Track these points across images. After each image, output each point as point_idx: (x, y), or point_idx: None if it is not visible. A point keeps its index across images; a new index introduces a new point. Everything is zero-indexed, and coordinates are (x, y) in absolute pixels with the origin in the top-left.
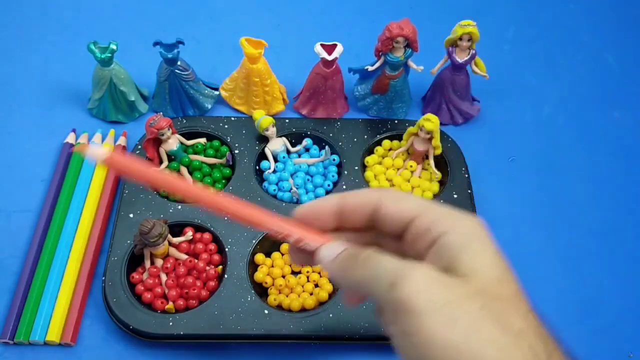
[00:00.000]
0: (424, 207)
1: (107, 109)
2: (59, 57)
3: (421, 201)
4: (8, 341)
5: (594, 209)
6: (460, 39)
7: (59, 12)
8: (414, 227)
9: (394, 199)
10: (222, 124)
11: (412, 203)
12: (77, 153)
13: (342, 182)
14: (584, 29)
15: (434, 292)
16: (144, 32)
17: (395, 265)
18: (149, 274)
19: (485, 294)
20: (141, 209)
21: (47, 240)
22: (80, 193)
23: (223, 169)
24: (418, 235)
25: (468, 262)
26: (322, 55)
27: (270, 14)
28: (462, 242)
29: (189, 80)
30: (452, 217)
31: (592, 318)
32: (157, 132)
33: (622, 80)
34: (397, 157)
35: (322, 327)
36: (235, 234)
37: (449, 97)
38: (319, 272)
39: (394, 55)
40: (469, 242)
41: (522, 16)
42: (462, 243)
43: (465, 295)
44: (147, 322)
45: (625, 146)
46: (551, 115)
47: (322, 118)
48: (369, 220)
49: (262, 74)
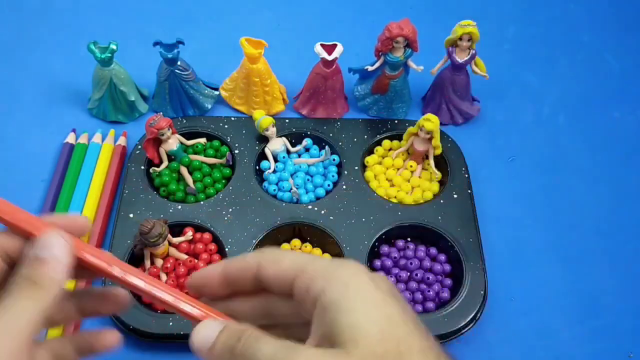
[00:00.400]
0: (301, 265)
1: (107, 109)
2: (58, 57)
3: (299, 258)
4: None
5: (594, 209)
6: (460, 39)
7: (59, 12)
8: (296, 289)
9: (272, 260)
10: (222, 124)
11: (288, 263)
12: None
13: (342, 182)
14: (584, 29)
15: None
16: (144, 32)
17: (275, 356)
18: (149, 274)
19: (372, 358)
20: (141, 209)
21: None
22: (80, 193)
23: (223, 169)
24: (301, 297)
25: (346, 326)
26: (322, 55)
27: (270, 14)
28: (338, 301)
29: (189, 80)
30: (328, 271)
31: (592, 318)
32: (157, 132)
33: (622, 80)
34: (397, 157)
35: None
36: (235, 234)
37: (449, 97)
38: None
39: (394, 55)
40: (345, 300)
41: (522, 16)
42: (337, 302)
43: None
44: (147, 322)
45: (625, 146)
46: (551, 115)
47: (322, 118)
48: (255, 284)
49: (262, 74)
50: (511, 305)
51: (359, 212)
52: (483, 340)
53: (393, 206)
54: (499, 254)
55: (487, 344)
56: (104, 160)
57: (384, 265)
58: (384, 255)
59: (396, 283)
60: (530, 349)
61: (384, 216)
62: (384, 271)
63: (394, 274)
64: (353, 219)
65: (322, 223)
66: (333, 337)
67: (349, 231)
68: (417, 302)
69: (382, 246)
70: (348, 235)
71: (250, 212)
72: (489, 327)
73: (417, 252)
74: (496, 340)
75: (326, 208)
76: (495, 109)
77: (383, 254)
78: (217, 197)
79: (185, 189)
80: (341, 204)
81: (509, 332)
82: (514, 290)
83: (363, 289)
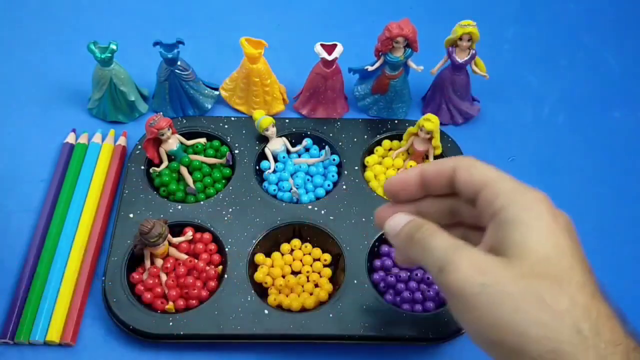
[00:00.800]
0: (489, 180)
1: (107, 109)
2: (59, 57)
3: (490, 173)
4: (8, 341)
5: (594, 209)
6: (460, 39)
7: (59, 12)
8: (481, 198)
9: (465, 168)
10: (222, 124)
11: (479, 174)
12: None
13: (342, 182)
14: (584, 29)
15: (478, 277)
16: (144, 32)
17: (443, 250)
18: (149, 274)
19: (531, 275)
20: (141, 209)
21: (47, 240)
22: (80, 193)
23: (223, 169)
24: (482, 207)
25: (515, 242)
26: (322, 55)
27: (270, 14)
28: (517, 219)
29: (189, 80)
30: (514, 192)
31: None
32: (157, 132)
33: (622, 80)
34: (397, 157)
35: (322, 327)
36: (235, 234)
37: (449, 97)
38: (319, 272)
39: (394, 55)
40: (523, 219)
41: (522, 16)
42: (516, 220)
43: (510, 278)
44: (147, 322)
45: (625, 146)
46: (551, 115)
47: (322, 118)
48: (449, 187)
49: (262, 74)
50: None
51: (359, 212)
52: None
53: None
54: None
55: None
56: (104, 160)
57: (384, 265)
58: (384, 255)
59: (396, 283)
60: None
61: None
62: (384, 271)
63: (394, 274)
64: (353, 219)
65: (322, 223)
66: (501, 250)
67: (349, 231)
68: (417, 302)
69: (382, 246)
70: (348, 235)
71: (250, 212)
72: None
73: None
74: None
75: (326, 208)
76: (495, 109)
77: (383, 254)
78: (217, 197)
79: (185, 189)
80: (341, 204)
81: None
82: None
83: (541, 216)
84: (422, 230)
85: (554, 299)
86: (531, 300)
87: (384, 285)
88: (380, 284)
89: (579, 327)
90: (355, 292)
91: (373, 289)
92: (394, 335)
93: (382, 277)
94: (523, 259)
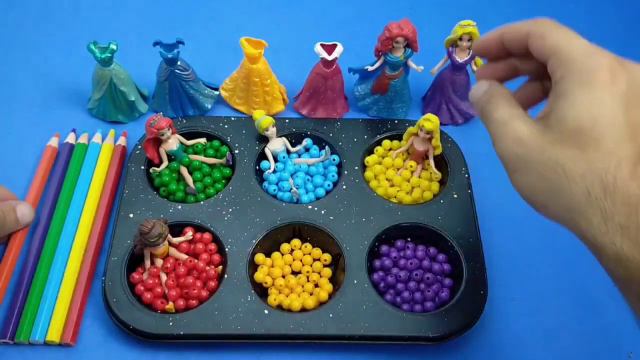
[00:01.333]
0: (559, 47)
1: (107, 109)
2: (59, 57)
3: (561, 38)
4: (8, 341)
5: None
6: (460, 39)
7: (59, 12)
8: (548, 67)
9: (539, 35)
10: (222, 124)
11: (549, 41)
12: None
13: (342, 182)
14: (584, 29)
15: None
16: (144, 32)
17: (499, 123)
18: (149, 274)
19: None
20: (141, 209)
21: (47, 240)
22: (80, 193)
23: (223, 169)
24: (550, 75)
25: (559, 113)
26: (322, 55)
27: (270, 14)
28: (566, 92)
29: (189, 80)
30: (576, 61)
31: (592, 318)
32: (157, 132)
33: None
34: (397, 157)
35: (322, 327)
36: (235, 234)
37: (449, 97)
38: (319, 272)
39: (394, 55)
40: (570, 92)
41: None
42: (564, 93)
43: (540, 147)
44: (147, 322)
45: None
46: None
47: (322, 118)
48: (527, 49)
49: (262, 74)
50: (511, 305)
51: (359, 212)
52: (483, 340)
53: (393, 206)
54: (499, 254)
55: (487, 344)
56: (104, 160)
57: (384, 265)
58: (384, 255)
59: (396, 283)
60: (530, 348)
61: (384, 216)
62: (384, 271)
63: (394, 274)
64: (353, 219)
65: (322, 223)
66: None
67: (349, 231)
68: (416, 302)
69: (382, 246)
70: (348, 235)
71: (250, 212)
72: (489, 327)
73: (416, 252)
74: (496, 340)
75: (326, 208)
76: None
77: (383, 254)
78: (217, 197)
79: (185, 189)
80: (341, 204)
81: (509, 332)
82: (514, 290)
83: (591, 85)
84: (490, 102)
85: (572, 169)
86: (553, 167)
87: (383, 285)
88: (380, 284)
89: (589, 191)
90: (355, 292)
91: (373, 289)
92: (394, 335)
93: (382, 277)
94: (556, 130)
